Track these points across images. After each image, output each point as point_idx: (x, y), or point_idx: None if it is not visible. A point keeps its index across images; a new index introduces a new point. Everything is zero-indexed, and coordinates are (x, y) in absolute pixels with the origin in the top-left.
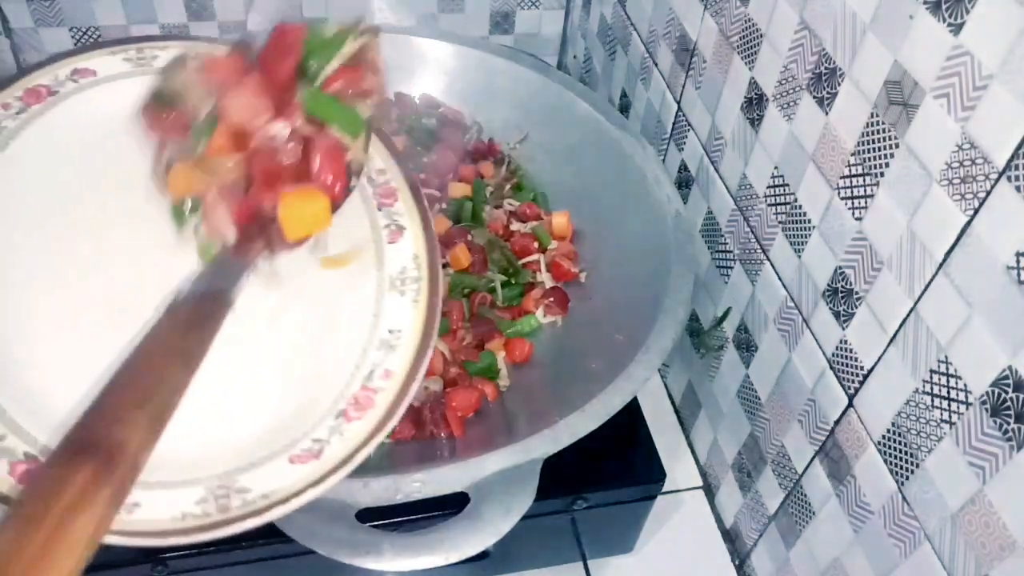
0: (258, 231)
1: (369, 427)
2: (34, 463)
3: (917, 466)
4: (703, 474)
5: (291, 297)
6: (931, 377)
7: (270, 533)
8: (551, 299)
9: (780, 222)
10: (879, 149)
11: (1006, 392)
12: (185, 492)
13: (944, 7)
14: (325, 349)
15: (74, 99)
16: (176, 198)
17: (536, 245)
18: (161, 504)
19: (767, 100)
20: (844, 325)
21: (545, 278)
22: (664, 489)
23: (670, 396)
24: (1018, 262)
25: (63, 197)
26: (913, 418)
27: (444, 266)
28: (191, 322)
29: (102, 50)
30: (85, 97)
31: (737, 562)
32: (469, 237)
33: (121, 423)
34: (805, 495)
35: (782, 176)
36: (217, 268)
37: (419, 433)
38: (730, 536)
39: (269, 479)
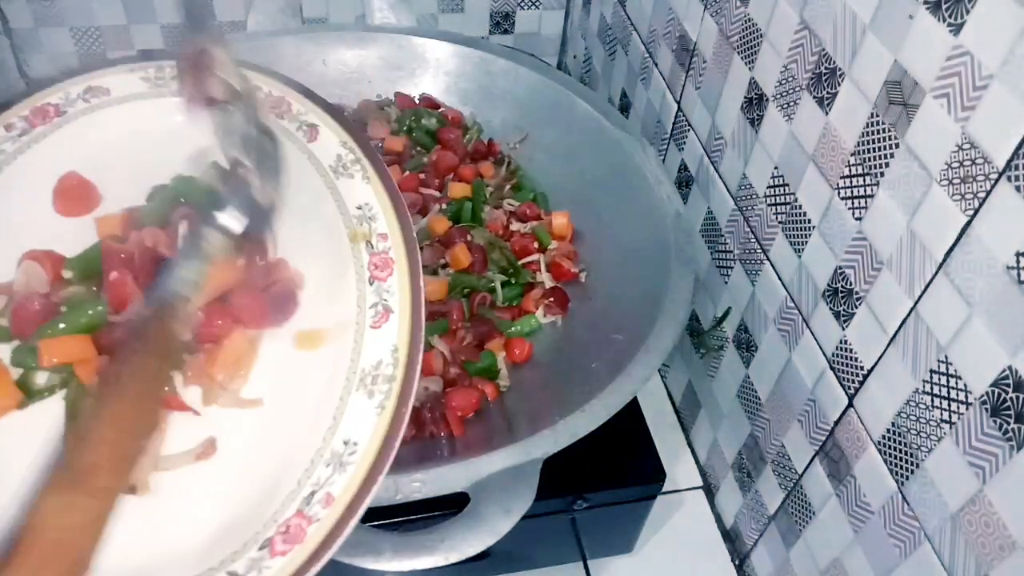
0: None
1: (290, 569)
2: None
3: (917, 466)
4: (703, 474)
5: (251, 384)
6: (931, 377)
7: None
8: (551, 299)
9: (780, 222)
10: (879, 149)
11: (1006, 392)
12: None
13: (944, 7)
14: (271, 453)
15: (82, 121)
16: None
17: (536, 245)
18: None
19: (767, 100)
20: (844, 325)
21: (545, 278)
22: (664, 489)
23: (670, 396)
24: (1018, 262)
25: (60, 229)
26: (913, 418)
27: (444, 266)
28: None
29: (121, 67)
30: (93, 119)
31: (737, 562)
32: (469, 237)
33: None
34: (805, 495)
35: (782, 176)
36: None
37: (419, 433)
38: (730, 536)
39: None
